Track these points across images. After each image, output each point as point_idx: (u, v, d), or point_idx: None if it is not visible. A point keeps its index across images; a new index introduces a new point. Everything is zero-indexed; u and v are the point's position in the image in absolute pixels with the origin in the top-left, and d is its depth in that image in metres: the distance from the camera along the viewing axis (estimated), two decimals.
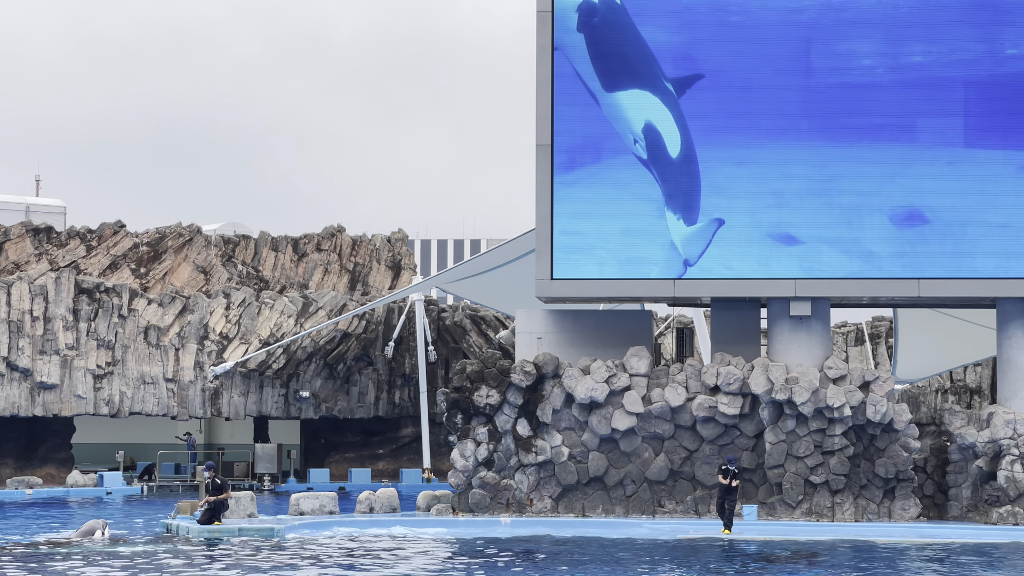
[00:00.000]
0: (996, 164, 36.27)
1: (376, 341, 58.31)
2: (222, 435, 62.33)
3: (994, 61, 36.42)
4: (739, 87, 36.64)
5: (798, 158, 36.53)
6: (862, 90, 36.50)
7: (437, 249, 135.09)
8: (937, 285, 36.38)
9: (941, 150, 36.34)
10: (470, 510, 36.90)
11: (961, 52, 36.40)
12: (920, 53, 36.49)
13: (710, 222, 36.45)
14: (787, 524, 35.15)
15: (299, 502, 37.22)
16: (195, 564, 27.61)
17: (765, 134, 36.58)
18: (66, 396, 53.10)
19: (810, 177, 36.51)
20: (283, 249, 61.86)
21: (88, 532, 32.89)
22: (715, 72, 36.70)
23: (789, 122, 36.60)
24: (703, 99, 36.69)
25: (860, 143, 36.47)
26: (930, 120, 36.34)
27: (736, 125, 36.55)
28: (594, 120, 36.80)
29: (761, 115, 36.61)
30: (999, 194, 36.22)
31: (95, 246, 58.38)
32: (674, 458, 36.90)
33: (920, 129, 36.40)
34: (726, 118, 36.61)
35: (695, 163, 36.58)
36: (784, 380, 35.88)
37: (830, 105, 36.53)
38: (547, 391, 37.04)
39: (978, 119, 36.32)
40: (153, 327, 54.77)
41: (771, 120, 36.59)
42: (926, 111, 36.36)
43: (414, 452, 59.14)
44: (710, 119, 36.64)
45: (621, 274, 36.68)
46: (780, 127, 36.60)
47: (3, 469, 53.84)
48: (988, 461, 36.15)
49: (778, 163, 36.51)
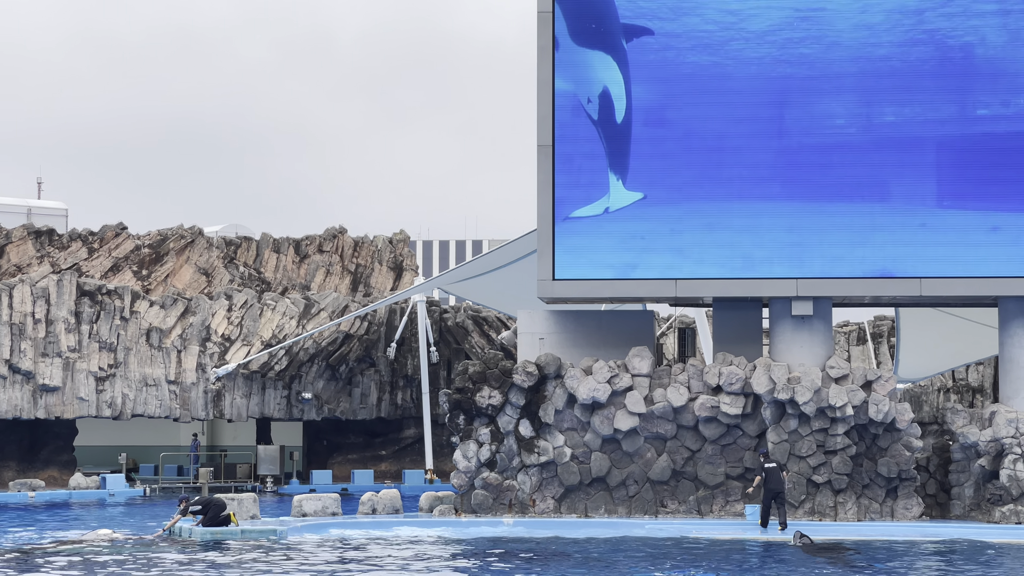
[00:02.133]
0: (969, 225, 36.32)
1: (378, 342, 58.32)
2: (224, 437, 62.33)
3: (965, 122, 36.47)
4: (711, 146, 36.73)
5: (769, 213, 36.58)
6: (834, 150, 36.54)
7: (439, 250, 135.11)
8: (939, 284, 36.38)
9: (913, 212, 36.41)
10: (473, 511, 36.91)
11: (933, 112, 36.45)
12: (893, 114, 36.55)
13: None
14: (790, 524, 35.09)
15: (302, 504, 37.22)
16: (196, 567, 27.61)
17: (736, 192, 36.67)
18: (68, 398, 53.12)
19: (779, 238, 36.57)
20: (285, 251, 61.88)
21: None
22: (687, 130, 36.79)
23: (762, 183, 36.67)
24: (674, 153, 36.75)
25: (833, 201, 36.48)
26: (902, 181, 36.40)
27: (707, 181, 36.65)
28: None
29: (732, 174, 36.64)
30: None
31: (97, 248, 58.39)
32: (676, 458, 36.90)
33: (893, 189, 36.48)
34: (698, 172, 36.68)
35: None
36: (786, 380, 35.87)
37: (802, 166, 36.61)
38: (549, 392, 37.04)
39: (951, 181, 36.44)
40: (155, 329, 54.78)
41: (743, 178, 36.67)
42: (898, 172, 36.45)
43: (416, 453, 59.15)
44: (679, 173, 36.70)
45: (622, 275, 36.68)
46: (752, 185, 36.69)
47: (5, 472, 53.86)
48: (990, 460, 36.16)
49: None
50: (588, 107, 36.95)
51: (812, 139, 36.72)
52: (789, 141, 36.75)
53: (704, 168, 36.80)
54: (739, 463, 36.71)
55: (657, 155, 36.84)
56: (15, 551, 30.52)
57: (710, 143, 36.82)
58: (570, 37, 37.00)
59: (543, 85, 36.88)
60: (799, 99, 36.75)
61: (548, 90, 36.87)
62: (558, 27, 37.02)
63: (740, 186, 36.68)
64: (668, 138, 36.86)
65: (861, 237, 36.43)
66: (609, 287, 36.99)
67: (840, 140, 36.65)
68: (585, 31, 36.98)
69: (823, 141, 36.69)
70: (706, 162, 36.80)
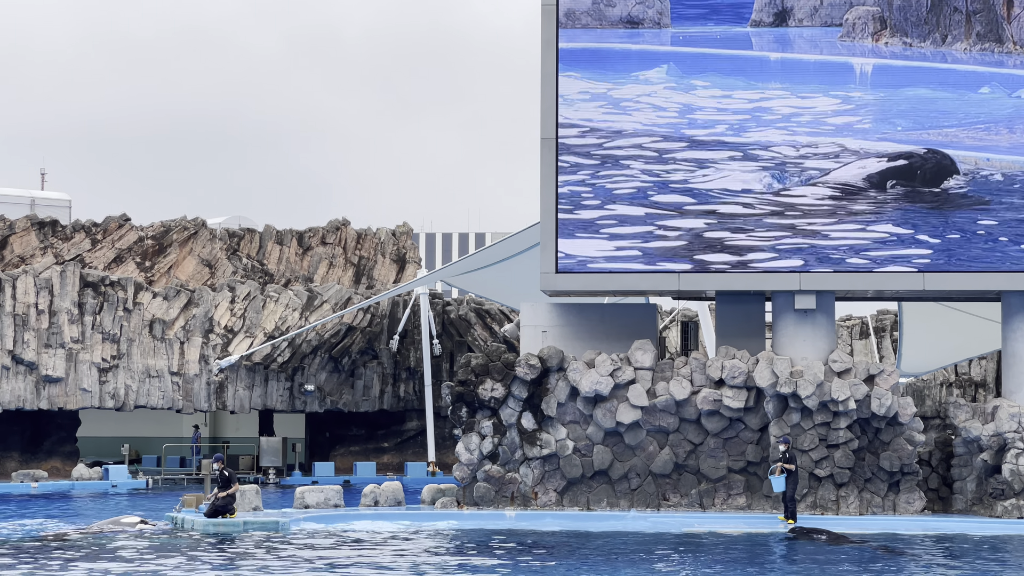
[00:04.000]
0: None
1: (381, 335, 58.35)
2: (227, 428, 62.42)
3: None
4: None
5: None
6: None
7: (442, 243, 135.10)
8: (942, 278, 36.35)
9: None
10: (475, 503, 36.92)
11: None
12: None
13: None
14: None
15: (304, 495, 37.26)
16: (199, 558, 27.64)
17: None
18: (71, 389, 53.18)
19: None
20: (288, 243, 61.90)
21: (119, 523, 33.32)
22: None
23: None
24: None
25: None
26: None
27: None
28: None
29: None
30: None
31: (100, 240, 58.42)
32: (679, 451, 36.90)
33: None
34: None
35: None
36: (789, 373, 35.86)
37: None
38: (552, 384, 37.03)
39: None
40: (158, 320, 54.82)
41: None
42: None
43: (419, 445, 59.21)
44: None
45: (626, 267, 36.68)
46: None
47: (8, 462, 53.94)
48: (993, 454, 36.15)
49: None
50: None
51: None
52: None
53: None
54: (741, 456, 36.71)
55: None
56: (48, 537, 30.63)
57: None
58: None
59: (547, 78, 36.87)
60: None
61: (552, 83, 36.85)
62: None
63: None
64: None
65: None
66: (612, 280, 36.98)
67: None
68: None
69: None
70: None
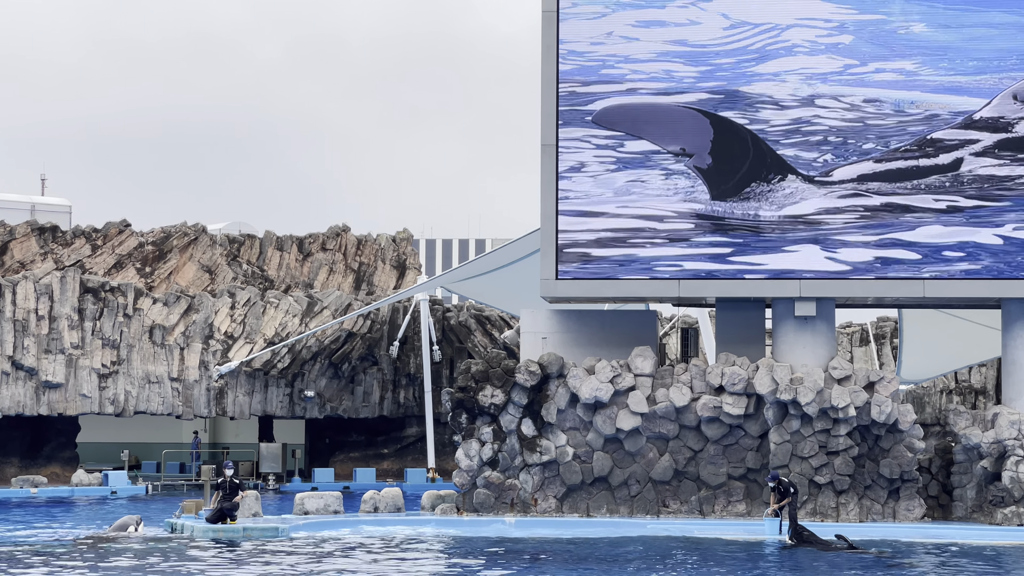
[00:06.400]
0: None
1: (381, 341, 58.34)
2: (227, 434, 62.40)
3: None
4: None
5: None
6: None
7: (442, 249, 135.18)
8: (942, 286, 36.35)
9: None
10: (474, 510, 36.91)
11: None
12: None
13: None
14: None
15: (304, 502, 37.24)
16: (198, 564, 27.62)
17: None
18: (71, 395, 53.15)
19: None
20: (288, 248, 61.90)
21: (122, 527, 33.19)
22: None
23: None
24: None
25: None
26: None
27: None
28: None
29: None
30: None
31: (100, 245, 58.42)
32: (679, 458, 36.89)
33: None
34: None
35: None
36: (789, 380, 35.86)
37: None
38: (552, 391, 37.03)
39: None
40: (158, 326, 54.82)
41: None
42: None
43: (419, 452, 59.16)
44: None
45: (626, 274, 36.67)
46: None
47: (8, 468, 53.90)
48: (993, 462, 36.14)
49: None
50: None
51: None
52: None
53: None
54: (741, 463, 36.70)
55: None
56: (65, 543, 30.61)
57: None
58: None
59: (547, 84, 36.88)
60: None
61: (552, 89, 36.86)
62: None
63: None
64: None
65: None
66: (612, 287, 36.98)
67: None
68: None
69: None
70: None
